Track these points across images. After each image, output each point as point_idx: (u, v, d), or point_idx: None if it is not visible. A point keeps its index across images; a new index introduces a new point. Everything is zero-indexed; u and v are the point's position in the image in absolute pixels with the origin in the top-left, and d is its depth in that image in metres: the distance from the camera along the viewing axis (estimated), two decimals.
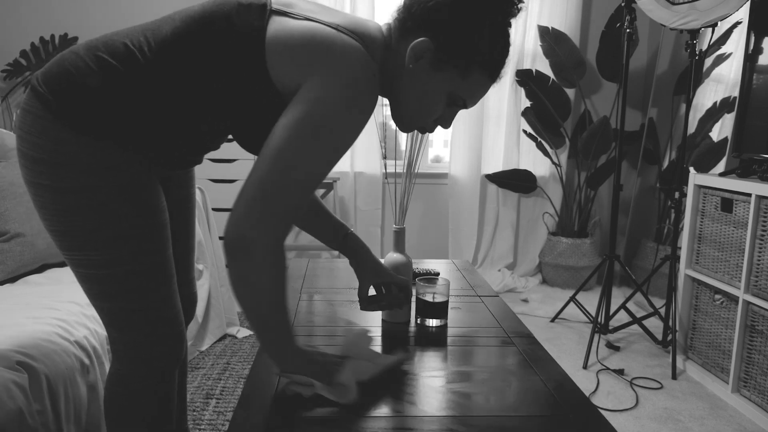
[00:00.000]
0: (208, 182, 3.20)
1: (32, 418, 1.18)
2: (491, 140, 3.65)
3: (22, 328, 1.33)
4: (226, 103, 0.97)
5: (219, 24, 0.93)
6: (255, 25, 0.92)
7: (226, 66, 0.94)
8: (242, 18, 0.93)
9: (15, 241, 1.82)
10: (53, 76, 0.94)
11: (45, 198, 0.96)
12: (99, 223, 0.96)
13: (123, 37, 0.96)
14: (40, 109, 0.93)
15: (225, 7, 0.95)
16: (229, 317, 2.67)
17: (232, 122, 1.02)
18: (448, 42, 0.92)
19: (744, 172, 2.20)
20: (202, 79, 0.95)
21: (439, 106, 0.98)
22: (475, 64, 0.93)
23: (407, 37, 0.94)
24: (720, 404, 2.12)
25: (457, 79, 0.95)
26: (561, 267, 3.52)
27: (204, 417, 1.91)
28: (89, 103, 0.93)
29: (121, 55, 0.94)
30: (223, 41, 0.93)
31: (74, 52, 0.96)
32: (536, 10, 3.51)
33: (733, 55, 2.92)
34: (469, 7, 0.91)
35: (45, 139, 0.93)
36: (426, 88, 0.96)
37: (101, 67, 0.93)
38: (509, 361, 1.08)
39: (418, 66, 0.94)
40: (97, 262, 0.98)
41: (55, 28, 3.43)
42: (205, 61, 0.94)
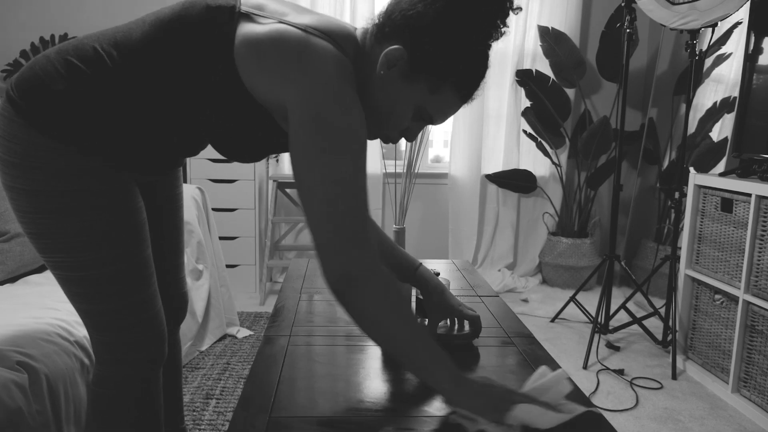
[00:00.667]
0: (208, 182, 3.20)
1: (32, 418, 1.18)
2: (491, 140, 3.65)
3: (22, 328, 1.33)
4: (197, 108, 0.95)
5: (186, 27, 0.91)
6: (223, 30, 0.90)
7: (194, 71, 0.92)
8: (210, 21, 0.91)
9: (15, 241, 1.83)
10: (24, 80, 0.94)
11: (20, 201, 0.97)
12: (72, 227, 0.96)
13: (93, 40, 0.96)
14: (12, 113, 0.93)
15: (193, 10, 0.93)
16: (229, 317, 2.67)
17: (204, 128, 0.99)
18: (423, 55, 0.88)
19: (744, 172, 2.20)
20: (170, 83, 0.93)
21: (406, 118, 0.95)
22: (447, 82, 0.90)
23: (382, 43, 0.91)
24: (720, 404, 2.12)
25: (426, 94, 0.91)
26: (561, 267, 3.52)
27: (204, 417, 1.91)
28: (55, 107, 0.92)
29: (89, 59, 0.93)
30: (190, 46, 0.91)
31: (45, 56, 0.96)
32: (536, 10, 3.51)
33: (733, 55, 2.92)
34: (451, 24, 0.87)
35: (17, 142, 0.93)
36: (394, 98, 0.92)
37: (69, 71, 0.93)
38: (509, 361, 1.08)
39: (389, 74, 0.91)
40: (71, 265, 0.99)
41: (55, 28, 3.43)
42: (172, 65, 0.92)
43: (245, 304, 3.13)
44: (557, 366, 1.06)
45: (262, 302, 3.16)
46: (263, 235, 3.46)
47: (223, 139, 1.01)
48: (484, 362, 1.07)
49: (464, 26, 0.87)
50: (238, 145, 1.02)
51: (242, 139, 1.00)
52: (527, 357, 1.10)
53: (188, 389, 2.10)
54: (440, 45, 0.87)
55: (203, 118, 0.97)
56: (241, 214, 3.25)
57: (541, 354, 1.11)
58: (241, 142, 1.01)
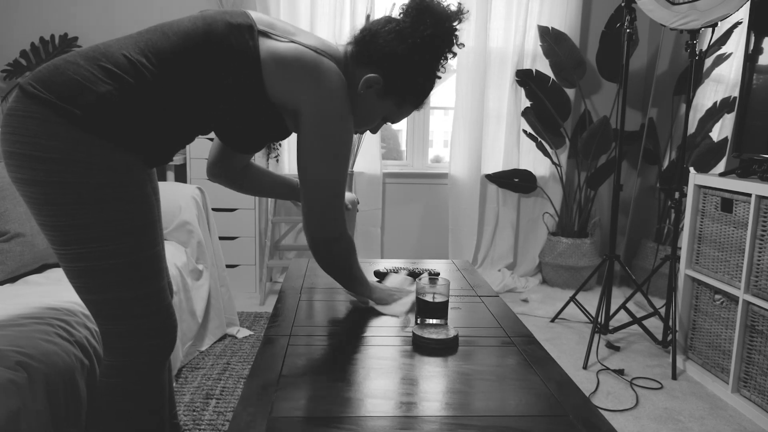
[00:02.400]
0: (208, 182, 3.20)
1: (32, 418, 1.18)
2: (491, 140, 3.65)
3: (22, 328, 1.33)
4: (222, 109, 1.12)
5: (214, 41, 1.07)
6: (249, 45, 1.08)
7: (226, 79, 1.08)
8: (236, 37, 1.08)
9: (15, 241, 1.82)
10: (57, 84, 1.00)
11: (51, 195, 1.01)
12: (106, 216, 1.03)
13: (118, 48, 1.05)
14: (47, 114, 0.99)
15: (217, 26, 1.08)
16: (229, 317, 2.66)
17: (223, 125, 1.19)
18: (394, 83, 1.17)
19: (744, 172, 2.20)
20: (203, 89, 1.08)
21: (375, 122, 1.26)
22: (409, 101, 1.21)
23: (362, 69, 1.18)
24: (720, 404, 2.12)
25: (393, 107, 1.22)
26: (561, 267, 3.52)
27: (204, 417, 1.91)
28: (101, 109, 1.01)
29: (125, 66, 1.03)
30: (221, 58, 1.07)
31: (72, 63, 1.03)
32: (536, 10, 3.51)
33: (733, 55, 2.92)
34: (416, 61, 1.15)
35: (57, 140, 0.99)
36: (369, 110, 1.22)
37: (110, 76, 1.02)
38: (509, 361, 1.08)
39: (366, 93, 1.19)
40: (98, 254, 1.04)
41: (55, 28, 3.43)
42: (206, 74, 1.07)
43: (245, 304, 3.13)
44: (559, 367, 1.06)
45: (262, 302, 3.16)
46: (263, 235, 3.46)
47: (234, 132, 1.21)
48: (484, 362, 1.07)
49: (426, 61, 1.16)
50: (245, 138, 1.23)
51: (249, 133, 1.22)
52: (527, 357, 1.10)
53: (188, 389, 2.10)
54: (408, 76, 1.17)
55: (223, 115, 1.15)
56: (241, 214, 3.25)
57: (541, 354, 1.11)
58: (248, 135, 1.22)
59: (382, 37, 1.15)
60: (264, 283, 3.19)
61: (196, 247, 2.41)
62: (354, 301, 1.39)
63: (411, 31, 1.14)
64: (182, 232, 2.39)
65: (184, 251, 2.34)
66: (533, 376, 1.02)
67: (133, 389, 1.14)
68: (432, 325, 1.20)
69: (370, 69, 1.16)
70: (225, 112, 1.13)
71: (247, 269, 3.30)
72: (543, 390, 0.96)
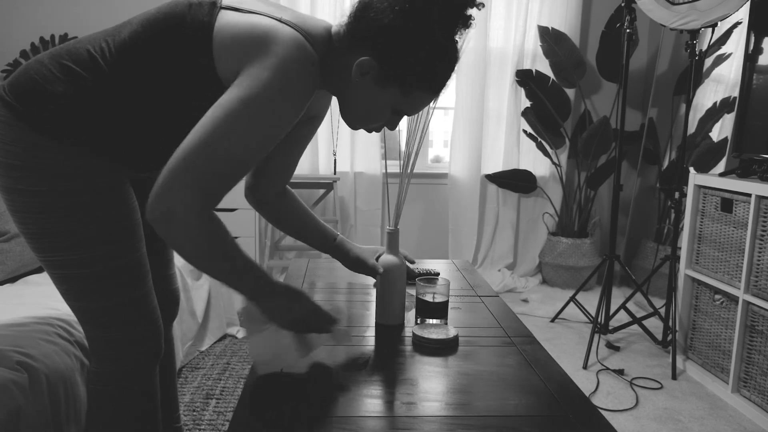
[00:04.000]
0: None
1: (32, 418, 1.18)
2: (491, 140, 3.65)
3: (22, 328, 1.33)
4: (186, 103, 0.98)
5: (171, 24, 0.94)
6: (204, 21, 0.93)
7: (179, 65, 0.95)
8: (193, 16, 0.94)
9: (15, 241, 1.83)
10: (19, 84, 0.96)
11: (20, 202, 0.98)
12: (75, 225, 0.98)
13: (86, 43, 0.99)
14: (9, 117, 0.95)
15: (178, 8, 0.96)
16: (229, 317, 2.67)
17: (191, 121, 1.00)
18: (390, 66, 0.95)
19: (744, 172, 2.20)
20: (160, 79, 0.96)
21: (384, 115, 1.02)
22: (414, 85, 0.97)
23: (354, 50, 0.96)
24: (720, 404, 2.12)
25: (399, 96, 0.98)
26: (561, 267, 3.52)
27: (204, 417, 1.91)
28: (56, 110, 0.94)
29: (84, 62, 0.96)
30: (174, 41, 0.94)
31: (39, 61, 0.98)
32: (536, 10, 3.51)
33: (733, 55, 2.92)
34: (411, 32, 0.92)
35: (18, 145, 0.95)
36: (371, 101, 1.00)
37: (66, 74, 0.95)
38: (509, 361, 1.08)
39: (363, 80, 0.97)
40: (75, 262, 1.00)
41: (55, 28, 3.43)
42: (160, 61, 0.95)
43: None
44: (559, 367, 1.06)
45: None
46: (263, 235, 3.46)
47: None
48: (484, 362, 1.07)
49: (424, 31, 0.92)
50: None
51: None
52: (527, 357, 1.10)
53: (188, 389, 2.10)
54: (402, 56, 0.94)
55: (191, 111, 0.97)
56: (241, 214, 3.25)
57: (541, 354, 1.11)
58: None
59: (373, 9, 0.94)
60: None
61: None
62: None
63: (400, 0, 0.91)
64: None
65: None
66: (533, 376, 1.02)
67: (119, 396, 1.10)
68: (432, 325, 1.20)
69: (362, 51, 0.95)
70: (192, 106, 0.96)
71: None
72: (543, 390, 0.96)
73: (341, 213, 3.58)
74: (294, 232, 1.35)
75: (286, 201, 1.33)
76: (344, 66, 0.98)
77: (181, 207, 0.84)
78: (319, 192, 3.58)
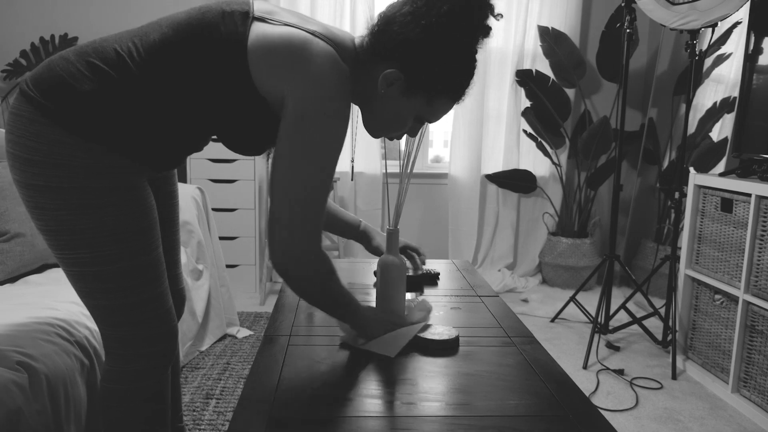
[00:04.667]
0: (208, 182, 3.20)
1: (32, 418, 1.18)
2: (491, 140, 3.65)
3: (22, 328, 1.33)
4: (213, 106, 1.02)
5: (205, 31, 0.97)
6: (238, 32, 0.96)
7: (212, 71, 0.98)
8: (226, 25, 0.97)
9: (15, 241, 1.82)
10: (44, 80, 0.97)
11: (39, 198, 0.98)
12: (93, 222, 0.99)
13: (112, 42, 1.00)
14: (32, 113, 0.96)
15: (209, 15, 0.99)
16: (229, 317, 2.67)
17: (218, 125, 1.06)
18: (416, 77, 0.99)
19: (744, 172, 2.20)
20: (190, 83, 0.99)
21: (407, 123, 1.07)
22: (439, 94, 1.02)
23: (378, 63, 1.01)
24: (720, 404, 2.12)
25: (424, 105, 1.03)
26: (561, 267, 3.52)
27: (204, 417, 1.91)
28: (84, 107, 0.96)
29: (112, 60, 0.97)
30: (208, 47, 0.97)
31: (64, 58, 0.99)
32: (536, 10, 3.51)
33: (733, 55, 2.92)
34: (437, 44, 0.97)
35: (41, 141, 0.95)
36: (395, 111, 1.05)
37: (94, 72, 0.96)
38: (509, 361, 1.08)
39: (388, 91, 1.02)
40: (93, 260, 1.00)
41: (55, 28, 3.43)
42: (193, 66, 0.98)
43: (245, 304, 3.13)
44: (559, 367, 1.06)
45: (262, 302, 3.16)
46: (263, 235, 3.46)
47: (230, 133, 1.08)
48: (484, 362, 1.07)
49: (449, 44, 0.98)
50: (243, 139, 1.09)
51: (247, 134, 1.08)
52: (527, 357, 1.10)
53: (188, 389, 2.10)
54: (430, 68, 0.98)
55: (215, 113, 1.03)
56: (241, 214, 3.25)
57: (541, 354, 1.11)
58: (247, 136, 1.09)
59: (396, 23, 0.98)
60: (264, 283, 3.19)
61: (196, 247, 2.41)
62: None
63: (426, 11, 0.96)
64: (182, 232, 2.39)
65: (184, 251, 2.34)
66: (533, 376, 1.02)
67: (131, 396, 1.11)
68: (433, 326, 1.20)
69: (388, 63, 0.99)
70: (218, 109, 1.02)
71: (247, 269, 3.30)
72: (543, 390, 0.96)
73: None
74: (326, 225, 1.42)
75: None
76: (369, 77, 1.03)
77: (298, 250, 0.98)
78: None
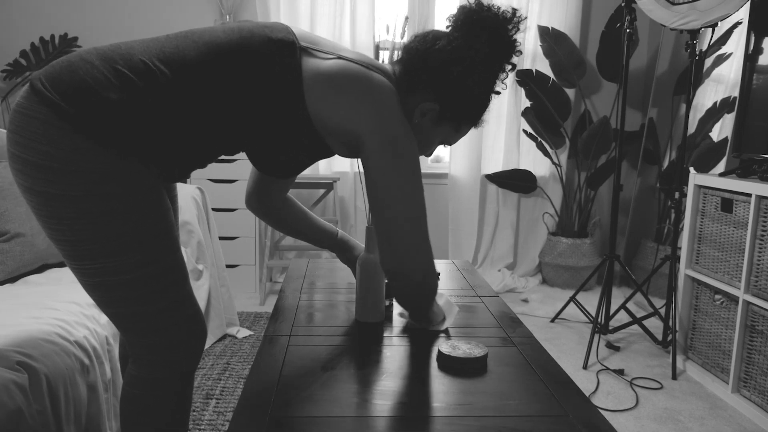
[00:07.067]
0: (208, 182, 3.20)
1: (32, 418, 1.18)
2: (491, 140, 3.65)
3: (22, 328, 1.33)
4: (254, 129, 1.03)
5: (250, 56, 0.98)
6: (292, 64, 0.99)
7: (260, 96, 0.99)
8: (275, 55, 0.99)
9: (15, 241, 1.82)
10: (65, 82, 0.92)
11: (51, 207, 0.94)
12: (114, 230, 0.96)
13: (139, 52, 0.97)
14: (49, 116, 0.91)
15: (255, 41, 1.00)
16: (229, 317, 2.67)
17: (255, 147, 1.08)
18: (451, 107, 1.08)
19: (744, 172, 2.20)
20: (228, 104, 0.99)
21: (433, 147, 1.17)
22: (467, 123, 1.12)
23: (414, 92, 1.08)
24: (720, 404, 2.12)
25: (451, 132, 1.13)
26: (561, 267, 3.52)
27: (204, 417, 1.91)
28: (109, 116, 0.92)
29: (140, 71, 0.94)
30: (258, 74, 0.98)
31: (87, 61, 0.95)
32: (536, 10, 3.51)
33: (733, 55, 2.92)
34: (476, 82, 1.05)
35: (54, 146, 0.91)
36: (426, 137, 1.13)
37: (121, 81, 0.93)
38: (509, 361, 1.08)
39: (422, 120, 1.10)
40: (113, 269, 0.97)
41: (55, 28, 3.43)
42: (236, 88, 0.98)
43: (245, 304, 3.13)
44: (559, 367, 1.06)
45: (262, 302, 3.16)
46: (263, 235, 3.45)
47: (265, 156, 1.10)
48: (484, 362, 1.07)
49: (484, 81, 1.06)
50: (277, 162, 1.12)
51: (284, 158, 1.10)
52: (527, 357, 1.10)
53: None
54: (466, 102, 1.07)
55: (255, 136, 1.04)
56: (241, 214, 3.25)
57: (541, 354, 1.11)
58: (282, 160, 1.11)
59: (433, 59, 1.04)
60: (264, 283, 3.19)
61: (196, 247, 2.41)
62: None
63: (465, 50, 1.03)
64: (182, 232, 2.39)
65: (184, 251, 2.34)
66: (533, 376, 1.02)
67: (155, 403, 1.09)
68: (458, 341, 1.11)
69: (423, 94, 1.07)
70: (258, 132, 1.03)
71: (247, 269, 3.30)
72: (543, 390, 0.96)
73: (341, 213, 3.58)
74: (296, 233, 1.38)
75: (287, 204, 1.35)
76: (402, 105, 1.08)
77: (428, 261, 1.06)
78: (319, 192, 3.58)
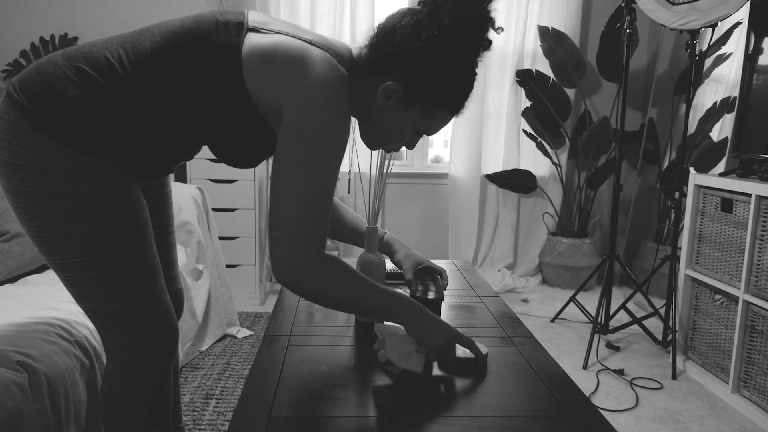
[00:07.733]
0: (208, 182, 3.20)
1: (32, 418, 1.18)
2: (491, 140, 3.65)
3: (22, 328, 1.33)
4: (204, 116, 1.00)
5: (198, 40, 0.96)
6: (233, 42, 0.95)
7: (205, 81, 0.96)
8: (220, 34, 0.95)
9: (15, 241, 1.82)
10: (31, 84, 0.95)
11: (27, 205, 0.97)
12: (82, 227, 0.98)
13: (102, 49, 0.98)
14: (19, 118, 0.94)
15: (203, 24, 0.97)
16: (229, 317, 2.67)
17: (209, 135, 1.04)
18: (415, 90, 0.97)
19: (744, 172, 2.20)
20: (181, 93, 0.97)
21: (406, 135, 1.05)
22: (438, 107, 1.00)
23: (377, 74, 0.99)
24: (720, 404, 2.12)
25: (422, 118, 1.01)
26: (561, 267, 3.52)
27: (204, 417, 1.91)
28: (70, 113, 0.94)
29: (101, 67, 0.95)
30: (201, 57, 0.95)
31: (52, 62, 0.97)
32: (536, 10, 3.51)
33: (733, 55, 2.92)
34: (437, 57, 0.95)
35: (26, 146, 0.94)
36: (394, 123, 1.02)
37: (81, 78, 0.95)
38: (509, 361, 1.08)
39: (387, 104, 1.00)
40: (85, 265, 1.00)
41: (55, 28, 3.43)
42: (185, 75, 0.96)
43: (245, 304, 3.13)
44: (559, 367, 1.06)
45: (262, 302, 3.16)
46: (263, 235, 3.46)
47: (221, 144, 1.06)
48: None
49: (449, 57, 0.95)
50: (235, 151, 1.07)
51: (239, 145, 1.06)
52: (527, 357, 1.10)
53: (188, 389, 2.10)
54: (430, 80, 0.96)
55: (206, 123, 1.01)
56: (241, 214, 3.25)
57: (541, 354, 1.11)
58: (238, 147, 1.06)
59: (397, 35, 0.96)
60: (264, 283, 3.19)
61: (196, 247, 2.41)
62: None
63: (427, 23, 0.93)
64: (182, 232, 2.39)
65: (184, 251, 2.34)
66: (533, 376, 1.02)
67: (133, 398, 1.10)
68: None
69: (387, 75, 0.98)
70: (209, 118, 1.00)
71: (247, 269, 3.30)
72: (543, 390, 0.96)
73: None
74: (342, 237, 1.34)
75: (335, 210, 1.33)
76: (367, 89, 1.01)
77: (310, 259, 0.92)
78: None
